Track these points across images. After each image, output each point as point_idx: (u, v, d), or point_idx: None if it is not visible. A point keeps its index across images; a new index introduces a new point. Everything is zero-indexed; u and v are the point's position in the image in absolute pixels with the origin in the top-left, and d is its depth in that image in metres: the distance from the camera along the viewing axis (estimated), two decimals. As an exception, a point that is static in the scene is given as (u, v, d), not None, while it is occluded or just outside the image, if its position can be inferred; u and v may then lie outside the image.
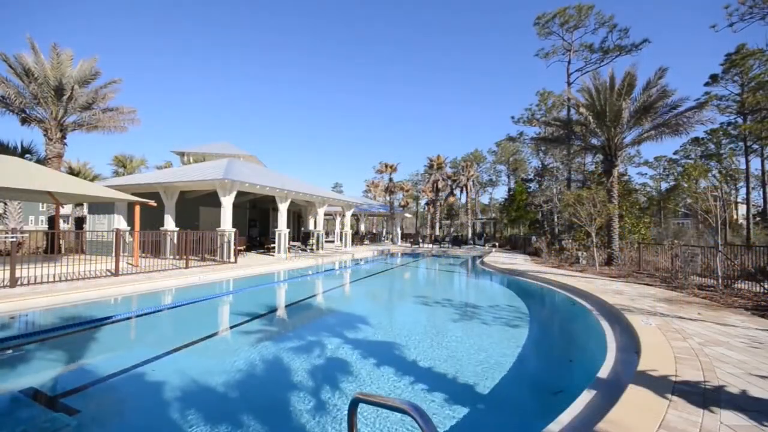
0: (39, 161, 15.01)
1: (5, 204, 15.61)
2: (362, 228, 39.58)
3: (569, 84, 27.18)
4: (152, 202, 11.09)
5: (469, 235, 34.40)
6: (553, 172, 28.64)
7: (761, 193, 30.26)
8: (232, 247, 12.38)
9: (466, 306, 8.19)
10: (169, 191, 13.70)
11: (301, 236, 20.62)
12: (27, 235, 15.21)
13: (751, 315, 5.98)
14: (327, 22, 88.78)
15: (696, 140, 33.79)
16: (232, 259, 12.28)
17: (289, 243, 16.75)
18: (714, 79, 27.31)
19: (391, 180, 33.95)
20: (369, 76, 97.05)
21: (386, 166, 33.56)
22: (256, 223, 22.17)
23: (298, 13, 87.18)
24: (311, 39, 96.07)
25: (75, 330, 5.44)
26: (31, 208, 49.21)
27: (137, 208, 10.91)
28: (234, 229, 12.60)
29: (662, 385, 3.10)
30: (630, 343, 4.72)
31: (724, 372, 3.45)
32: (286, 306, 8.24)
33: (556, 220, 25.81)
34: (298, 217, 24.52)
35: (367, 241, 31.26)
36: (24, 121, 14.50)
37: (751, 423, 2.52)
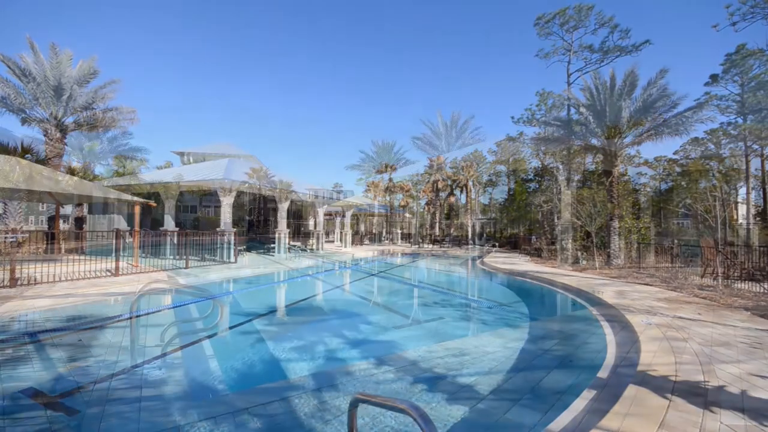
0: (39, 161, 15.00)
1: (5, 204, 15.60)
2: (362, 228, 39.55)
3: (569, 84, 27.19)
4: (152, 202, 11.10)
5: (469, 235, 34.39)
6: (553, 172, 28.62)
7: (761, 193, 30.26)
8: (232, 247, 12.38)
9: (465, 306, 8.19)
10: (169, 191, 13.70)
11: (301, 236, 20.63)
12: (27, 235, 15.20)
13: (751, 315, 5.98)
14: (327, 22, 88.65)
15: (696, 140, 33.76)
16: (232, 259, 12.28)
17: (289, 243, 16.75)
18: (714, 79, 27.28)
19: (390, 180, 33.95)
20: (369, 76, 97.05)
21: (386, 166, 33.55)
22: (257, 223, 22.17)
23: (298, 12, 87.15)
24: (311, 39, 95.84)
25: (75, 330, 5.44)
26: (31, 208, 49.16)
27: (137, 208, 10.91)
28: (234, 229, 12.60)
29: (662, 385, 3.10)
30: (630, 343, 4.72)
31: (724, 372, 3.45)
32: (286, 306, 8.23)
33: (556, 220, 25.80)
34: (298, 217, 24.52)
35: (367, 241, 31.24)
36: (24, 121, 14.50)
37: (751, 423, 2.52)
